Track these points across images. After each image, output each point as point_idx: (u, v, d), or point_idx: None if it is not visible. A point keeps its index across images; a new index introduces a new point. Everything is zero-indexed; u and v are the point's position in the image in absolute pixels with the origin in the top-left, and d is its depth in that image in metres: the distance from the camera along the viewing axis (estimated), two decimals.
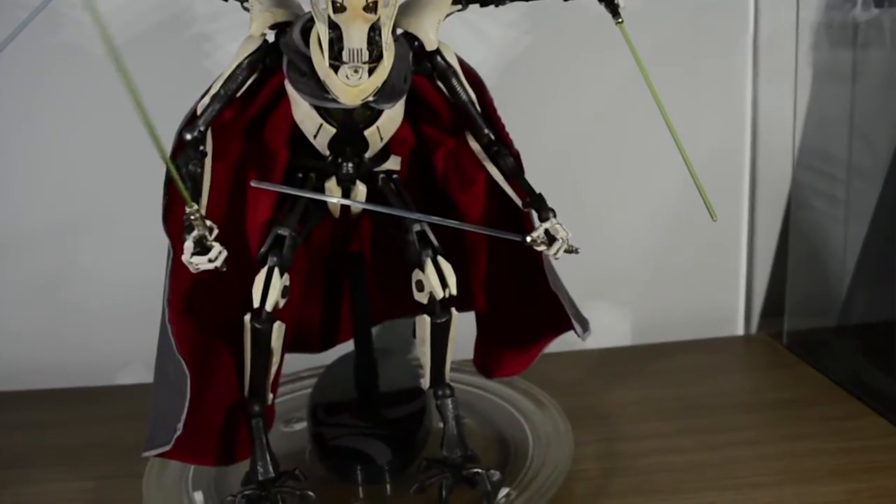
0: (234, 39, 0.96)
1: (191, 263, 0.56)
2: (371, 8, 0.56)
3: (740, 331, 1.15)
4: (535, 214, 0.66)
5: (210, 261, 0.56)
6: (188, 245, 0.56)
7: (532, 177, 0.69)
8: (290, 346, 0.77)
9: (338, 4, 0.56)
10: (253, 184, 0.54)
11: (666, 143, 0.99)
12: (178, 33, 1.01)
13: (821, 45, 1.05)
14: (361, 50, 0.57)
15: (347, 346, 0.90)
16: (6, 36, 0.65)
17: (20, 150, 1.04)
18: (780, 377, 0.98)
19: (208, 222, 0.56)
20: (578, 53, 1.04)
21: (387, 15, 0.57)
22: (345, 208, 0.73)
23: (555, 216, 0.64)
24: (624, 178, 1.10)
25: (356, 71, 0.58)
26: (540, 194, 0.66)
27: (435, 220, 0.62)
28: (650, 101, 0.78)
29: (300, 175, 0.71)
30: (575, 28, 1.03)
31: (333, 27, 0.57)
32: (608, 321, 1.11)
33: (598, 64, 1.04)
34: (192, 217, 0.55)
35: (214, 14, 1.00)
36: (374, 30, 0.57)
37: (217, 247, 0.56)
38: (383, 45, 0.58)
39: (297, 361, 0.91)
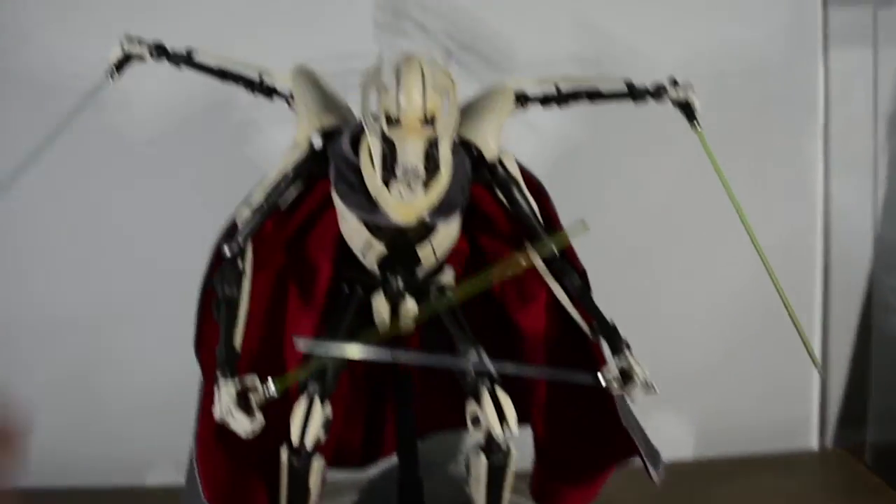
0: (277, 125, 0.94)
1: (230, 413, 0.51)
2: (429, 121, 0.51)
3: (814, 443, 1.06)
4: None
5: (246, 429, 0.52)
6: (230, 395, 0.51)
7: (590, 272, 0.63)
8: (329, 461, 0.70)
9: (392, 118, 0.50)
10: (297, 343, 0.49)
11: (733, 237, 0.93)
12: (223, 118, 0.98)
13: None
14: (417, 167, 0.51)
15: (391, 459, 0.84)
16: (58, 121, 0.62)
17: (55, 236, 1.00)
18: None
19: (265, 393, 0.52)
20: (637, 144, 0.99)
21: (446, 127, 0.52)
22: (393, 323, 0.67)
23: (629, 349, 0.57)
24: (688, 274, 1.02)
25: (410, 188, 0.52)
26: (613, 323, 0.59)
27: (493, 365, 0.57)
28: (714, 192, 0.72)
29: (346, 288, 0.65)
30: (633, 117, 0.98)
31: (387, 140, 0.52)
32: (669, 430, 1.03)
33: (659, 154, 0.98)
34: (266, 394, 0.52)
35: (259, 101, 0.98)
36: (432, 143, 0.52)
37: (260, 418, 0.51)
38: (441, 160, 0.52)
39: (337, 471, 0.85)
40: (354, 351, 0.52)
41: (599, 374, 0.55)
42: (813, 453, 1.05)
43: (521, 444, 0.66)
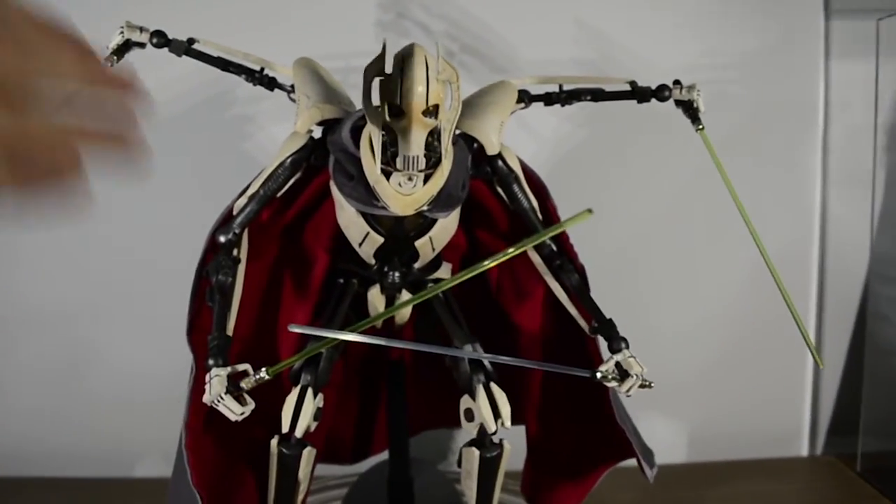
0: (275, 121, 0.94)
1: (220, 400, 0.50)
2: (431, 112, 0.50)
3: (805, 450, 1.06)
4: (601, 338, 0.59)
5: (236, 413, 0.51)
6: (221, 380, 0.50)
7: (588, 274, 0.63)
8: (320, 457, 0.70)
9: (395, 107, 0.50)
10: (291, 328, 0.49)
11: (728, 244, 0.92)
12: (221, 113, 0.97)
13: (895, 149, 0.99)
14: (418, 157, 0.51)
15: (381, 455, 0.83)
16: None
17: (47, 229, 0.99)
18: None
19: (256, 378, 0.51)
20: (636, 147, 0.99)
21: (448, 119, 0.52)
22: (388, 318, 0.67)
23: (627, 346, 0.57)
24: (682, 280, 1.02)
25: (410, 179, 0.52)
26: (610, 319, 0.59)
27: (488, 357, 0.56)
28: (712, 198, 0.72)
29: (341, 280, 0.65)
30: (633, 120, 0.98)
31: (388, 130, 0.51)
32: (663, 434, 1.03)
33: (657, 158, 0.98)
34: (257, 379, 0.51)
35: (258, 96, 0.97)
36: (433, 134, 0.51)
37: (251, 404, 0.51)
38: (442, 152, 0.52)
39: (327, 467, 0.84)
40: (348, 335, 0.51)
41: (598, 371, 0.54)
42: (803, 460, 1.05)
43: (512, 444, 0.66)
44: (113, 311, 1.00)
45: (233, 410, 0.50)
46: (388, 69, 0.51)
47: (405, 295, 0.63)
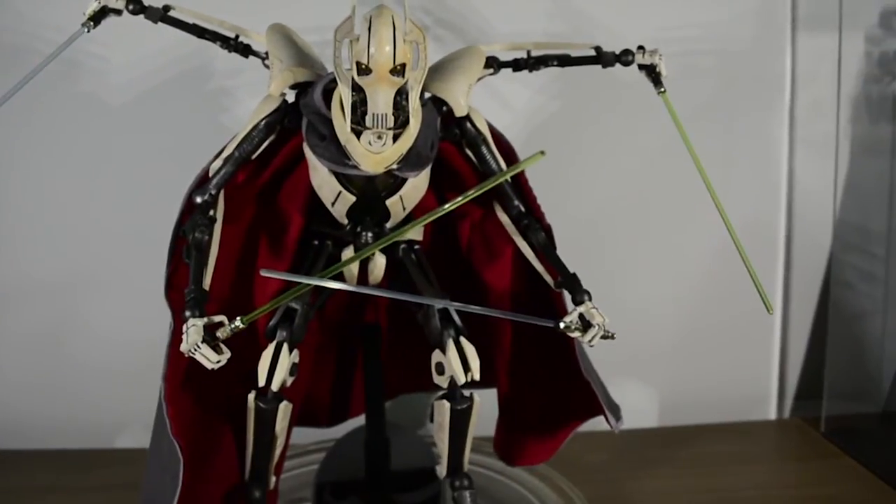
0: (253, 95, 0.94)
1: (197, 349, 0.52)
2: (399, 71, 0.52)
3: (773, 414, 1.09)
4: (567, 294, 0.61)
5: (213, 361, 0.52)
6: (197, 330, 0.52)
7: (557, 245, 0.65)
8: (297, 419, 0.72)
9: (363, 66, 0.52)
10: (263, 272, 0.51)
11: (696, 213, 0.94)
12: (199, 86, 0.98)
13: (860, 119, 1.01)
14: (386, 115, 0.52)
15: (358, 420, 0.85)
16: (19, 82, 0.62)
17: (30, 200, 1.00)
18: (820, 470, 0.91)
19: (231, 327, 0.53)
20: (607, 119, 1.01)
21: (415, 79, 0.53)
22: (362, 277, 0.68)
23: (590, 299, 0.59)
24: (652, 249, 1.05)
25: (380, 137, 0.53)
26: (574, 274, 0.61)
27: (457, 305, 0.58)
28: (680, 170, 0.74)
29: (316, 242, 0.66)
30: (604, 93, 1.00)
31: (357, 89, 0.53)
32: (635, 400, 1.05)
33: (627, 131, 1.00)
34: (232, 328, 0.53)
35: (235, 69, 0.98)
36: (401, 94, 0.53)
37: (227, 353, 0.52)
38: (410, 111, 0.54)
39: (305, 433, 0.86)
40: (319, 280, 0.54)
41: (562, 321, 0.57)
42: (771, 423, 1.08)
43: (484, 409, 0.68)
44: (94, 282, 1.01)
45: (209, 358, 0.52)
46: (358, 31, 0.52)
47: (378, 255, 0.65)
